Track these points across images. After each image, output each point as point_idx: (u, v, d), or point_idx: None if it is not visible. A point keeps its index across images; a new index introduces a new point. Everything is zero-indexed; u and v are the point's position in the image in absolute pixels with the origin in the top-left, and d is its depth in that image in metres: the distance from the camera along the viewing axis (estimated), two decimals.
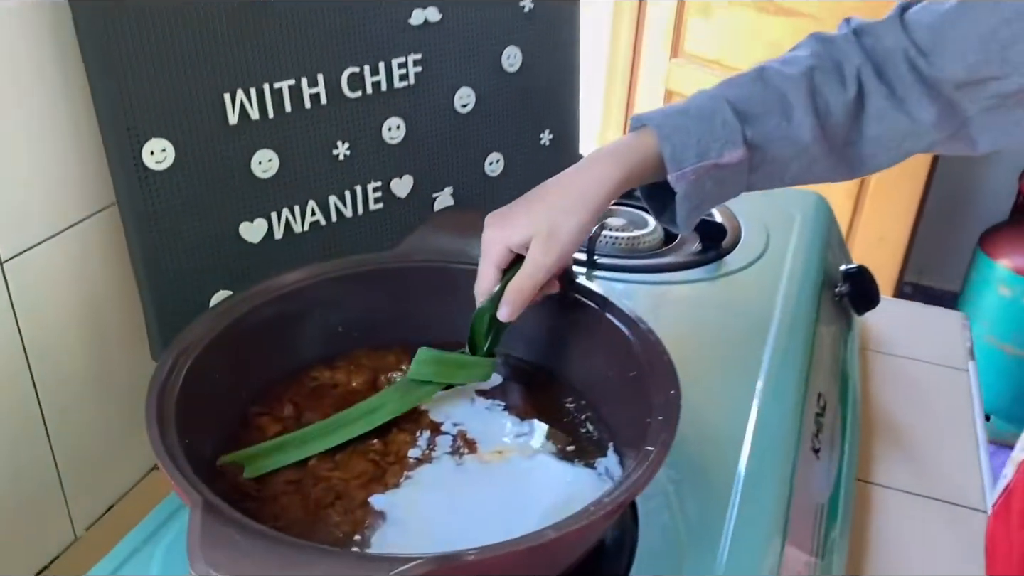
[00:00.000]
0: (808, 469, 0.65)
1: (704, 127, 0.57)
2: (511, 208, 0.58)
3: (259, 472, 0.52)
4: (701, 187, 0.58)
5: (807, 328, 0.77)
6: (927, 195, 2.04)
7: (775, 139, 0.59)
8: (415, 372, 0.58)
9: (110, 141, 0.61)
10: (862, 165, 0.62)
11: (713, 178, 0.58)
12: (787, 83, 0.59)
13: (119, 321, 0.68)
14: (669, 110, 0.59)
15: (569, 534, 0.41)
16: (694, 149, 0.57)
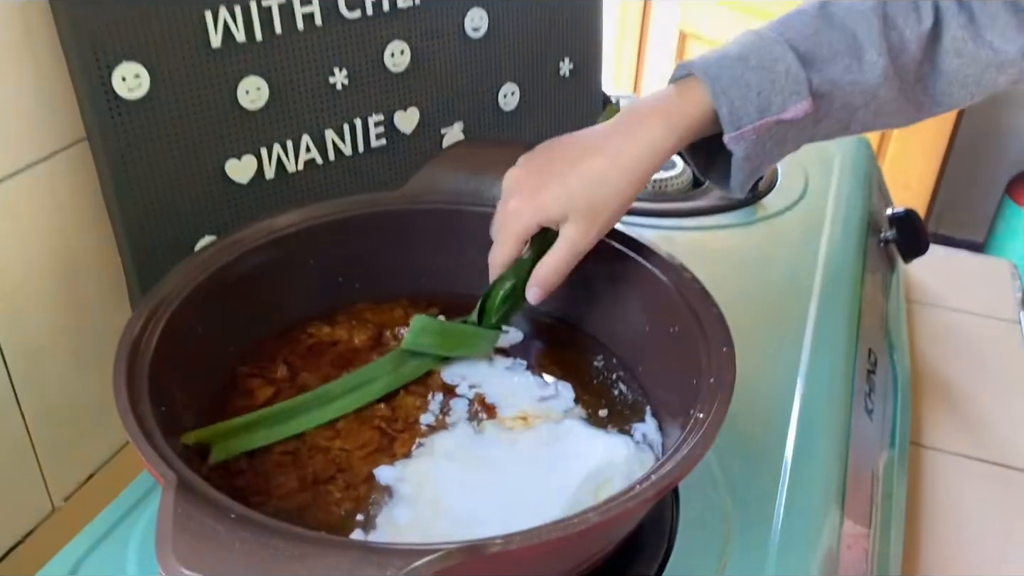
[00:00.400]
0: (863, 432, 0.59)
1: (764, 77, 0.49)
2: (540, 172, 0.50)
3: (226, 455, 0.44)
4: (761, 146, 0.50)
5: (854, 277, 0.70)
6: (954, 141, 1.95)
7: (843, 85, 0.51)
8: (411, 342, 0.51)
9: (76, 67, 0.54)
10: (934, 104, 0.54)
11: (775, 135, 0.50)
12: (856, 18, 0.51)
13: (94, 271, 0.61)
14: (722, 57, 0.50)
15: (614, 517, 0.35)
16: (754, 103, 0.49)
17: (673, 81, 0.52)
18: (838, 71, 0.50)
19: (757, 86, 0.49)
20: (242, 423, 0.46)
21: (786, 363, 0.60)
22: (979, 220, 2.30)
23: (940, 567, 0.62)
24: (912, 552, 0.62)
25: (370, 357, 0.52)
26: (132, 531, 0.46)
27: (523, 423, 0.49)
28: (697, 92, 0.50)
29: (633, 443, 0.48)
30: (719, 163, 0.54)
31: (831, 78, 0.50)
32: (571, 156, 0.50)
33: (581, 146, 0.51)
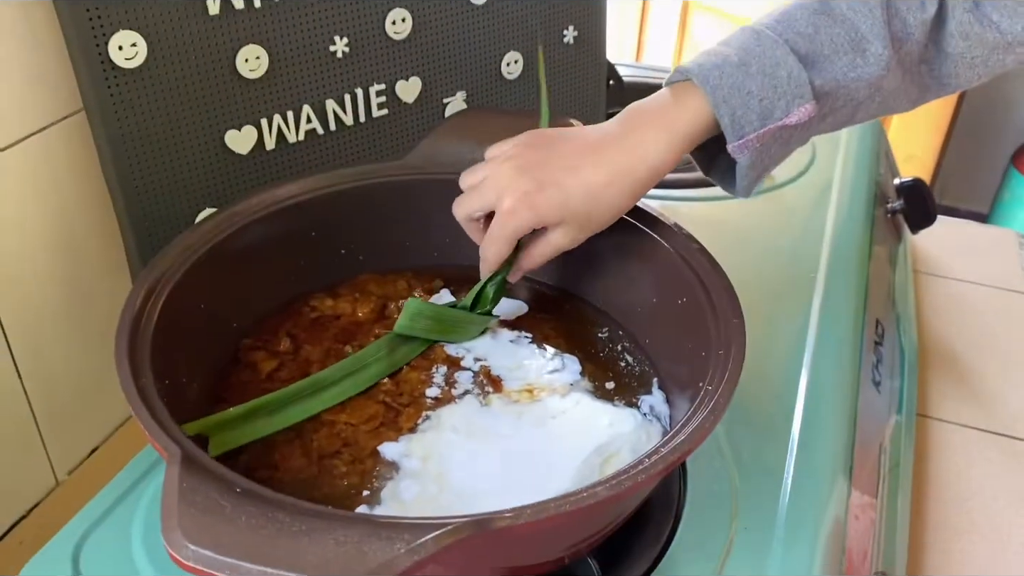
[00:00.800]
0: (870, 404, 0.58)
1: (766, 83, 0.47)
2: (534, 172, 0.48)
3: (225, 449, 0.43)
4: (766, 151, 0.49)
5: (862, 248, 0.69)
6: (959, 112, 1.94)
7: (847, 82, 0.49)
8: (404, 327, 0.50)
9: (71, 34, 0.52)
10: (940, 86, 0.52)
11: (779, 139, 0.49)
12: (859, 10, 0.48)
13: (94, 243, 0.60)
14: (721, 63, 0.48)
15: (625, 491, 0.34)
16: (756, 111, 0.47)
17: (669, 84, 0.50)
18: (841, 69, 0.49)
19: (759, 93, 0.47)
20: (238, 414, 0.44)
21: (793, 335, 0.59)
22: (984, 191, 2.28)
23: (946, 536, 0.62)
24: (919, 522, 0.62)
25: (373, 330, 0.51)
26: (136, 506, 0.46)
27: (529, 396, 0.48)
28: (697, 100, 0.48)
29: (640, 415, 0.47)
30: (721, 163, 0.53)
31: (834, 77, 0.49)
32: (568, 163, 0.49)
33: (579, 152, 0.49)
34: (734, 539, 0.45)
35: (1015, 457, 0.68)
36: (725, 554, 0.44)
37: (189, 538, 0.30)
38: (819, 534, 0.46)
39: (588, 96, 0.80)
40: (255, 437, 0.44)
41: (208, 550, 0.29)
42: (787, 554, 0.44)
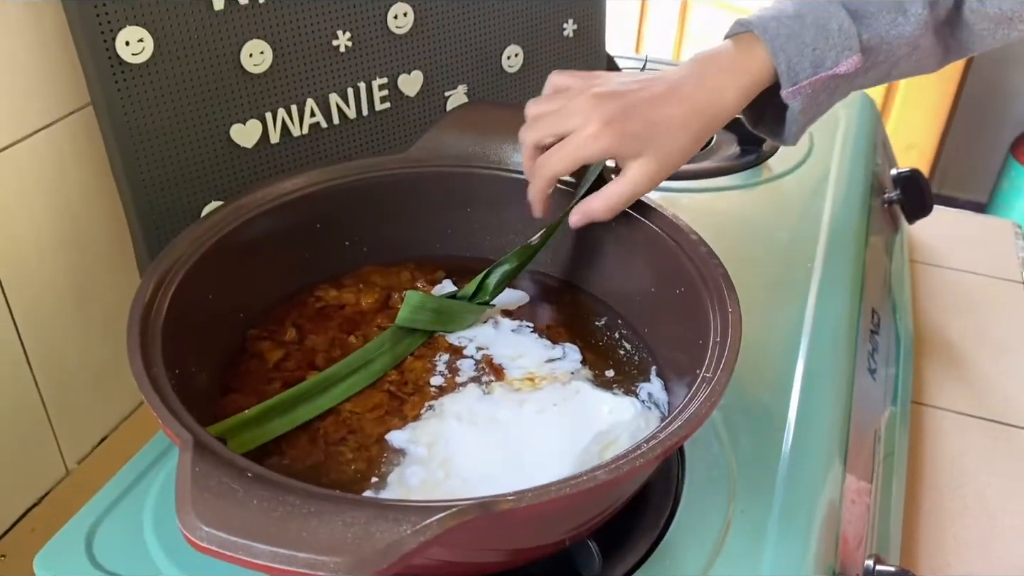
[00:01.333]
0: (865, 392, 0.60)
1: (819, 34, 0.51)
2: (613, 104, 0.49)
3: (244, 449, 0.43)
4: (815, 99, 0.54)
5: (858, 237, 0.70)
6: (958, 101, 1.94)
7: (890, 39, 0.53)
8: (405, 319, 0.51)
9: (79, 30, 0.53)
10: (960, 48, 0.57)
11: (827, 88, 0.53)
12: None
13: (102, 236, 0.61)
14: (778, 15, 0.52)
15: (623, 475, 0.35)
16: (809, 59, 0.52)
17: (729, 37, 0.54)
18: (885, 25, 0.53)
19: (812, 43, 0.51)
20: (253, 416, 0.45)
21: (790, 323, 0.60)
22: (983, 180, 2.29)
23: (940, 521, 0.63)
24: (913, 507, 0.63)
25: (376, 320, 0.53)
26: (147, 492, 0.47)
27: (530, 384, 0.49)
28: (756, 49, 0.52)
29: (639, 403, 0.48)
30: (768, 116, 0.57)
31: (879, 33, 0.53)
32: (649, 96, 0.50)
33: (658, 88, 0.51)
34: (731, 522, 0.46)
35: (1007, 443, 0.70)
36: (722, 537, 0.45)
37: (203, 520, 0.31)
38: (814, 518, 0.47)
39: None
40: (271, 437, 0.45)
41: (221, 531, 0.30)
42: (782, 537, 0.45)
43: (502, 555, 0.40)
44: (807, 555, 0.45)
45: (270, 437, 0.45)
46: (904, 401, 0.69)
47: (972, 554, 0.60)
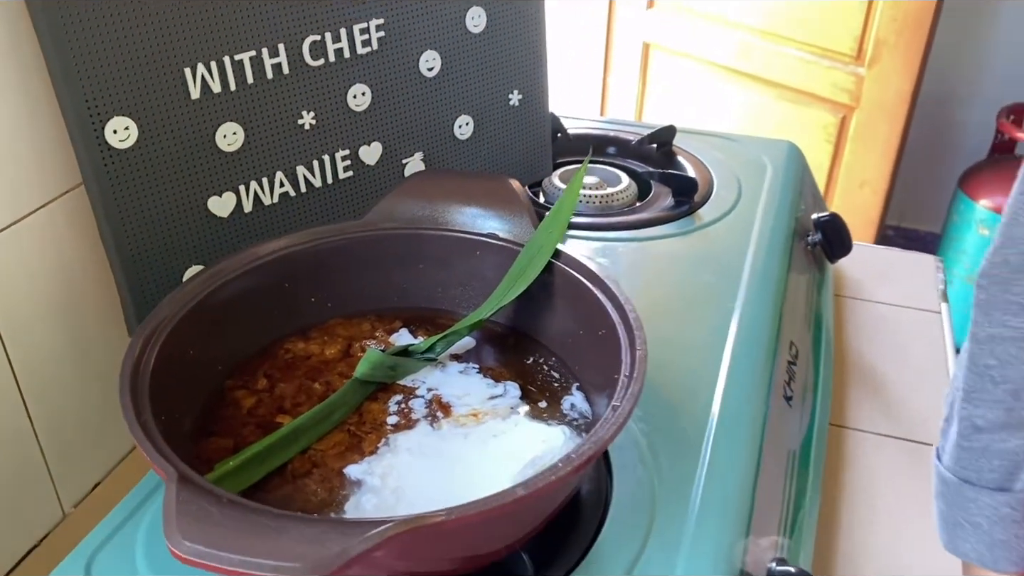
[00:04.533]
0: (780, 417, 0.67)
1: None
2: None
3: (235, 490, 0.50)
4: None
5: (778, 277, 0.78)
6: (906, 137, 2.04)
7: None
8: (364, 374, 0.57)
9: (72, 122, 0.61)
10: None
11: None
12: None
13: (94, 300, 0.68)
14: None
15: (538, 490, 0.42)
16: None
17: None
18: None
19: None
20: (237, 465, 0.51)
21: (712, 356, 0.67)
22: (937, 213, 2.39)
23: (854, 528, 0.70)
24: (833, 518, 0.70)
25: (338, 367, 0.60)
26: (139, 526, 0.54)
27: (474, 419, 0.56)
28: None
29: (570, 431, 0.55)
30: None
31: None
32: None
33: None
34: (651, 532, 0.53)
35: (918, 458, 0.77)
36: (642, 546, 0.52)
37: (186, 537, 0.38)
38: (725, 528, 0.54)
39: (535, 150, 0.89)
40: (252, 482, 0.51)
41: (201, 545, 0.37)
42: (695, 544, 0.52)
43: (447, 563, 0.47)
44: (717, 560, 0.52)
45: (251, 482, 0.51)
46: (822, 424, 0.76)
47: (880, 555, 0.67)
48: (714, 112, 2.22)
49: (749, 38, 2.08)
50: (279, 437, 0.53)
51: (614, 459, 0.58)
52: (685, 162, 0.96)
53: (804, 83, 2.05)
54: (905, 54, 1.90)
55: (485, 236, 0.64)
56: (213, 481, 0.49)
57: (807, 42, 2.02)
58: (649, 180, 0.94)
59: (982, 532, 0.58)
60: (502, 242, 0.63)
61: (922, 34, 1.87)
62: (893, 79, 1.94)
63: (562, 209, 0.64)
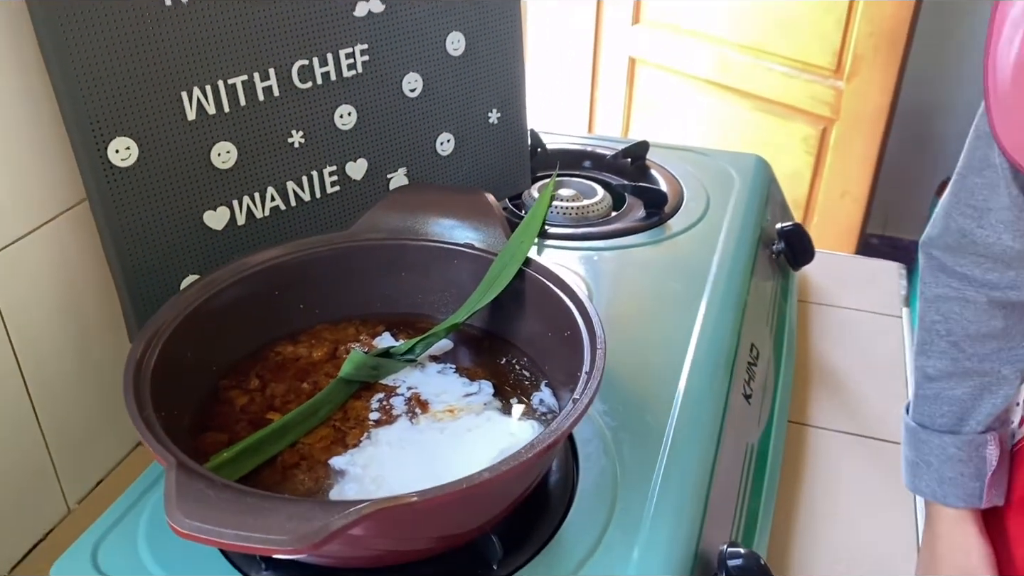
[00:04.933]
0: (739, 412, 0.71)
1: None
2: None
3: (230, 479, 0.52)
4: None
5: (741, 283, 0.83)
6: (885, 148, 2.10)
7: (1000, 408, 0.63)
8: (348, 373, 0.62)
9: (77, 142, 0.65)
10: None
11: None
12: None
13: (97, 308, 0.73)
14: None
15: (502, 475, 0.47)
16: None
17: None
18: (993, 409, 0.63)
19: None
20: (231, 456, 0.56)
21: (676, 357, 0.72)
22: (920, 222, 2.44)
23: (812, 520, 0.74)
24: (793, 509, 0.75)
25: (325, 368, 0.64)
26: (140, 515, 0.58)
27: (450, 415, 0.61)
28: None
29: (538, 425, 0.60)
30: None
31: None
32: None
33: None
34: (613, 515, 0.57)
35: (877, 454, 0.81)
36: (603, 530, 0.57)
37: (185, 516, 0.42)
38: (681, 513, 0.59)
39: (514, 164, 0.94)
40: (245, 472, 0.56)
41: (198, 522, 0.42)
42: (653, 528, 0.57)
43: (423, 543, 0.52)
44: (673, 542, 0.56)
45: (244, 472, 0.56)
46: (780, 420, 0.80)
47: (837, 544, 0.72)
48: (698, 125, 2.27)
49: (731, 53, 2.13)
50: (270, 431, 0.58)
51: (581, 450, 0.63)
52: (657, 175, 1.01)
53: (785, 96, 2.10)
54: (882, 68, 1.96)
55: (462, 246, 0.69)
56: (209, 470, 0.53)
57: (788, 56, 2.07)
58: (623, 192, 0.99)
59: (933, 470, 0.64)
60: (477, 251, 0.68)
61: (898, 48, 1.93)
62: (871, 92, 1.99)
63: (532, 221, 0.69)
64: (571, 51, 2.40)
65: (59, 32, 0.61)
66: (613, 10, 2.32)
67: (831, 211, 2.16)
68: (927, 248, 0.63)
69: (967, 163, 0.59)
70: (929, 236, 0.63)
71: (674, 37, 2.21)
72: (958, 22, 2.35)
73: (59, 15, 0.61)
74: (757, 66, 2.10)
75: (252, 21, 0.70)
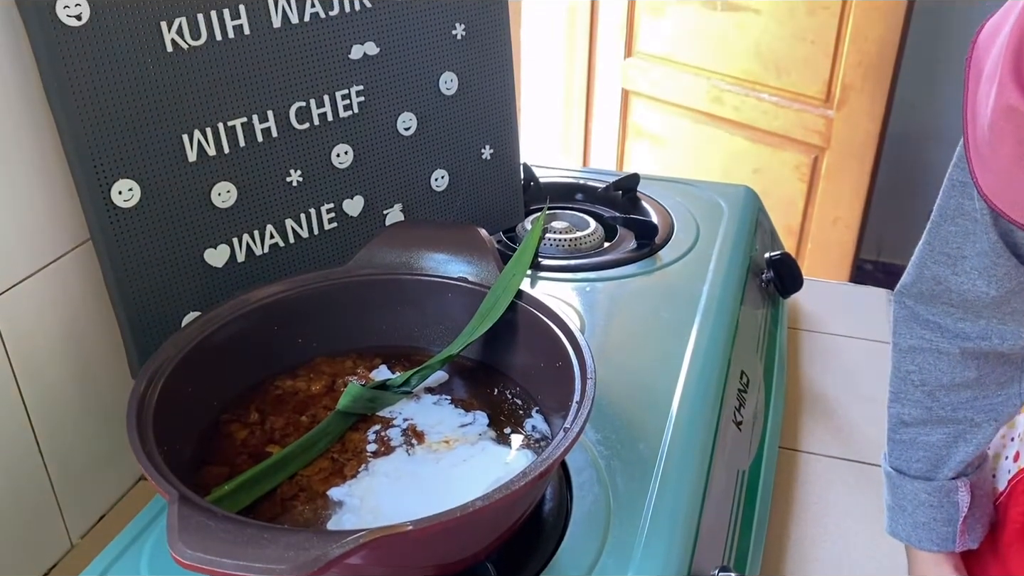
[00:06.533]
0: (729, 439, 0.73)
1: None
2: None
3: (230, 511, 0.54)
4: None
5: (731, 312, 0.85)
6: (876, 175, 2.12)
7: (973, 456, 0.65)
8: (346, 406, 0.64)
9: (81, 185, 0.67)
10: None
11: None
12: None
13: (100, 345, 0.75)
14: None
15: (495, 503, 0.48)
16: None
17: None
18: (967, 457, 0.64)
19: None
20: (232, 489, 0.57)
21: (667, 385, 0.74)
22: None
23: (804, 544, 0.75)
24: (784, 534, 0.76)
25: (323, 401, 0.66)
26: (143, 548, 0.59)
27: (446, 446, 0.63)
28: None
29: (532, 455, 0.62)
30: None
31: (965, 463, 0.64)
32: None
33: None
34: (606, 542, 0.59)
35: (868, 478, 0.83)
36: (597, 556, 0.58)
37: (187, 547, 0.43)
38: (673, 539, 0.60)
39: (507, 199, 0.96)
40: (245, 504, 0.57)
41: (200, 553, 0.43)
42: (646, 554, 0.58)
43: (419, 571, 0.53)
44: (666, 567, 0.58)
45: (245, 504, 0.57)
46: (771, 446, 0.82)
47: (829, 569, 0.73)
48: (693, 155, 2.30)
49: (723, 84, 2.17)
50: (269, 464, 0.59)
51: (574, 479, 0.64)
52: (648, 207, 1.04)
53: (777, 126, 2.14)
54: (871, 97, 2.00)
55: (455, 280, 0.71)
56: (210, 503, 0.55)
57: (778, 87, 2.11)
58: (615, 224, 1.01)
59: (907, 515, 0.65)
60: (471, 285, 0.70)
61: (885, 77, 1.97)
62: (861, 120, 2.03)
63: (523, 254, 0.71)
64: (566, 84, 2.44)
65: (64, 78, 0.64)
66: (606, 44, 2.37)
67: (824, 238, 2.19)
68: (901, 297, 0.65)
69: (941, 212, 0.60)
70: (904, 284, 0.65)
71: (666, 69, 2.25)
72: (946, 50, 2.40)
73: (64, 62, 0.63)
74: (749, 97, 2.14)
75: (251, 65, 0.73)
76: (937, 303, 0.62)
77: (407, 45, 0.82)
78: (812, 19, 1.99)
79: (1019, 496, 0.61)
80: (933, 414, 0.64)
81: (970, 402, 0.63)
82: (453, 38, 0.85)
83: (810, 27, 2.00)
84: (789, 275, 0.97)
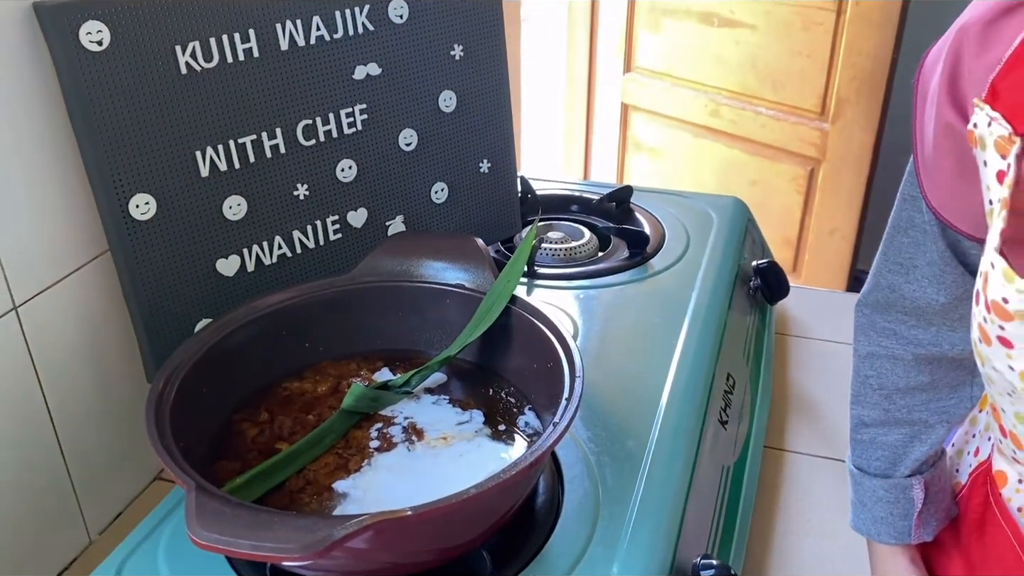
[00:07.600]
0: (714, 437, 0.77)
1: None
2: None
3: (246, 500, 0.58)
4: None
5: (718, 317, 0.89)
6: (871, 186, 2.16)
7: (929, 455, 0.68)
8: (349, 405, 0.68)
9: (101, 199, 0.72)
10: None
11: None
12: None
13: (117, 349, 0.79)
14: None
15: (488, 490, 0.52)
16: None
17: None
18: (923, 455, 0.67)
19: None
20: (243, 482, 0.61)
21: (655, 386, 0.77)
22: None
23: (788, 539, 0.79)
24: (768, 528, 0.80)
25: (328, 401, 0.70)
26: (160, 538, 0.63)
27: (444, 442, 0.66)
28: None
29: (526, 448, 0.65)
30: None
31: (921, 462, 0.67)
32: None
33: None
34: (595, 532, 0.62)
35: None
36: (586, 545, 0.61)
37: (205, 530, 0.47)
38: (658, 529, 0.63)
39: (504, 210, 1.01)
40: (257, 496, 0.61)
41: (216, 535, 0.47)
42: (632, 543, 0.62)
43: (418, 556, 0.57)
44: (650, 555, 0.61)
45: (254, 497, 0.61)
46: (756, 445, 0.85)
47: (812, 562, 0.76)
48: (692, 167, 2.35)
49: (720, 98, 2.21)
50: (279, 459, 0.63)
51: (566, 473, 0.68)
52: (641, 217, 1.08)
53: (773, 138, 2.18)
54: (865, 110, 2.04)
55: (453, 286, 0.75)
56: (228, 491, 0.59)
57: (775, 101, 2.15)
58: (608, 234, 1.05)
59: (867, 510, 0.69)
60: (467, 291, 0.74)
61: (879, 91, 2.01)
62: (856, 133, 2.07)
63: (516, 262, 0.75)
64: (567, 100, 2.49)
65: (85, 98, 0.68)
66: (605, 59, 2.42)
67: (821, 248, 2.22)
68: (860, 306, 0.69)
69: (895, 224, 0.64)
70: (863, 293, 0.69)
71: (665, 84, 2.29)
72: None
73: (86, 83, 0.68)
74: (746, 110, 2.18)
75: (260, 86, 0.77)
76: (892, 311, 0.65)
77: (408, 65, 0.86)
78: (807, 34, 2.04)
79: (979, 489, 0.64)
80: (890, 416, 0.68)
81: (924, 404, 0.67)
82: (452, 58, 0.90)
83: (805, 42, 2.04)
84: (776, 282, 1.01)
